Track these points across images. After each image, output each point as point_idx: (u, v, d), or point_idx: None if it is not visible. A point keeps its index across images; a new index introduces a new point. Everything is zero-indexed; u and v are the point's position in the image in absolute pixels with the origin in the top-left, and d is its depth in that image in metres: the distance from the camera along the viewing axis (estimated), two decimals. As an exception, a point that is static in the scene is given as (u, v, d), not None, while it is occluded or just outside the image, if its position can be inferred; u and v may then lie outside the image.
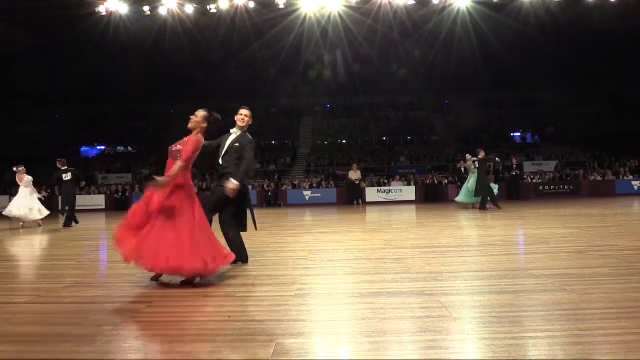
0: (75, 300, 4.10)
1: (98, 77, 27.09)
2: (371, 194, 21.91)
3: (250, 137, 5.70)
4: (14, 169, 12.51)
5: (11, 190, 22.43)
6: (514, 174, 20.40)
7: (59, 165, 12.69)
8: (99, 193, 23.62)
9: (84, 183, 24.24)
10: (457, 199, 15.58)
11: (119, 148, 33.90)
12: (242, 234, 5.63)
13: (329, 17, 22.09)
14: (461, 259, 5.67)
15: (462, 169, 16.71)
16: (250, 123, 5.82)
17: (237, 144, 5.62)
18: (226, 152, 5.64)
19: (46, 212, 12.58)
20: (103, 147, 33.34)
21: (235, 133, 5.73)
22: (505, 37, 23.61)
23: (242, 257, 5.46)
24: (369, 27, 23.20)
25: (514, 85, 30.30)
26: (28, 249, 8.25)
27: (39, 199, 12.68)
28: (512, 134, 32.13)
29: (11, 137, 26.74)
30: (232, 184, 5.23)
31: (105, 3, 20.01)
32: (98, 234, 11.18)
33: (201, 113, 5.02)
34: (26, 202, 12.25)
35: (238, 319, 3.30)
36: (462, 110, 32.28)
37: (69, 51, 24.84)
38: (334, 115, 34.15)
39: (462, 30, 23.33)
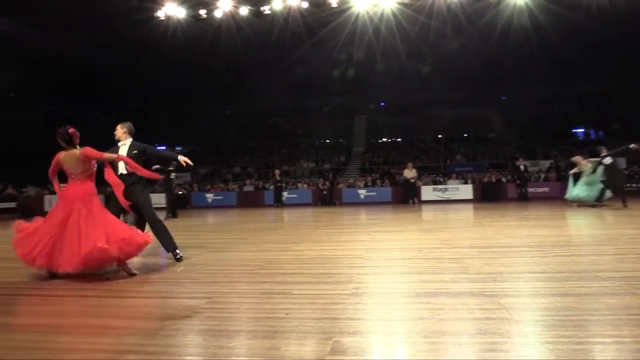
0: (138, 295, 4.27)
1: (156, 79, 27.96)
2: (427, 192, 21.60)
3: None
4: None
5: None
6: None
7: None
8: (160, 192, 24.39)
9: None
10: (571, 195, 14.29)
11: (177, 148, 34.94)
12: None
13: (382, 14, 21.93)
14: (522, 259, 5.51)
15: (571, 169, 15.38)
16: (127, 133, 6.20)
17: (135, 151, 6.07)
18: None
19: None
20: (163, 147, 34.47)
21: (124, 144, 6.15)
22: (565, 28, 22.66)
23: None
24: (421, 24, 22.88)
25: (575, 79, 29.03)
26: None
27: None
28: (574, 130, 30.81)
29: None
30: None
31: (164, 8, 20.66)
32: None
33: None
34: None
35: (295, 317, 3.34)
36: (520, 105, 31.23)
37: (128, 54, 25.80)
38: (388, 113, 33.87)
39: (519, 23, 22.59)
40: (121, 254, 4.99)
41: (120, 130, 6.20)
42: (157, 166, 13.84)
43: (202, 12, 20.98)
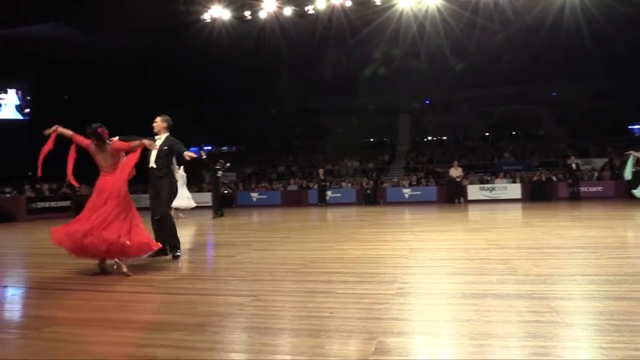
0: (186, 292, 4.36)
1: (203, 80, 28.51)
2: (473, 191, 21.18)
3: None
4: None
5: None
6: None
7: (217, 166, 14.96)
8: (207, 191, 24.89)
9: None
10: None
11: (223, 148, 35.58)
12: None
13: (426, 11, 21.63)
14: (573, 261, 5.33)
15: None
16: (167, 127, 6.35)
17: (165, 147, 6.19)
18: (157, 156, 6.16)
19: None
20: (209, 147, 35.15)
21: (159, 138, 6.27)
22: (619, 20, 21.70)
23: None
24: (467, 20, 22.43)
25: (630, 73, 27.76)
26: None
27: None
28: (630, 127, 29.51)
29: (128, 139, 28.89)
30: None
31: (210, 10, 21.05)
32: (206, 229, 11.79)
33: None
34: (186, 193, 14.32)
35: (339, 316, 3.34)
36: (571, 102, 30.17)
37: (176, 57, 26.42)
38: (433, 111, 33.41)
39: (570, 15, 21.79)
40: (136, 253, 5.29)
41: (160, 123, 6.32)
42: (222, 161, 14.87)
43: (247, 14, 21.24)
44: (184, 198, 14.21)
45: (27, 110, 29.01)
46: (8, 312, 4.04)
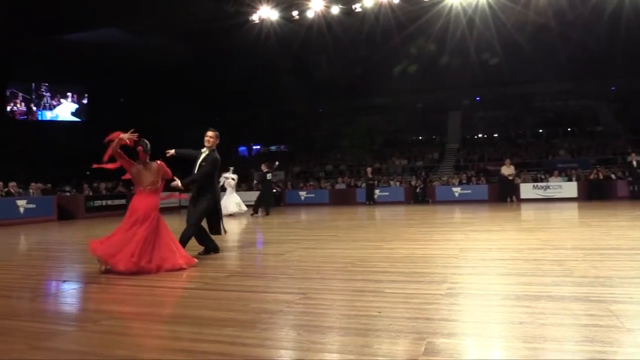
0: (237, 289, 4.44)
1: (251, 81, 28.90)
2: (526, 190, 20.57)
3: (217, 155, 6.36)
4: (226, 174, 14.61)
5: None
6: None
7: (263, 168, 15.64)
8: (256, 190, 25.24)
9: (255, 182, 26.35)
10: None
11: (271, 147, 35.97)
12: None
13: (476, 5, 21.15)
14: (634, 263, 5.09)
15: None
16: (217, 142, 6.45)
17: (204, 162, 6.31)
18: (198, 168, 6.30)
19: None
20: (258, 147, 35.62)
21: (204, 152, 6.35)
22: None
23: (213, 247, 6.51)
24: (519, 14, 21.79)
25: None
26: (192, 241, 9.07)
27: None
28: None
29: (176, 140, 29.71)
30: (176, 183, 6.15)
31: (258, 11, 21.31)
32: (254, 227, 11.96)
33: None
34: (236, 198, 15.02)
35: (387, 315, 3.32)
36: (632, 96, 28.79)
37: (226, 58, 26.93)
38: (484, 108, 32.64)
39: (630, 5, 20.80)
40: (158, 271, 5.31)
41: (213, 138, 6.42)
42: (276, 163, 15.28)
43: (295, 13, 21.38)
44: (233, 204, 14.61)
45: (85, 112, 30.26)
46: (67, 306, 4.24)
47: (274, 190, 23.82)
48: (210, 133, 6.44)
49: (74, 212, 17.21)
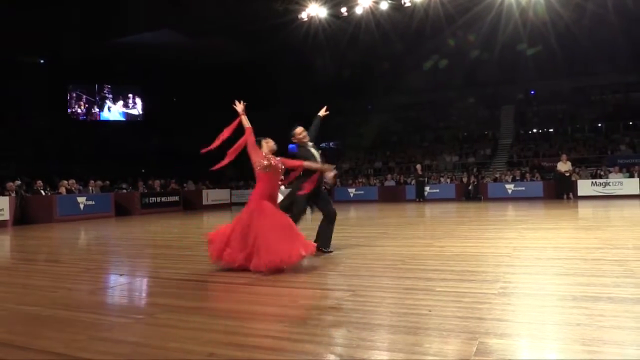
0: (287, 285, 4.48)
1: (300, 78, 29.08)
2: (584, 187, 19.80)
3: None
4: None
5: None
6: None
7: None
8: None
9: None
10: None
11: (321, 145, 36.10)
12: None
13: (530, -3, 20.52)
14: (702, 263, 4.82)
15: None
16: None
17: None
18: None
19: None
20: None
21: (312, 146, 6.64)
22: None
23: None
24: (575, 5, 20.98)
25: None
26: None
27: None
28: None
29: (231, 138, 30.23)
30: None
31: (307, 9, 21.41)
32: (304, 224, 12.02)
33: None
34: None
35: (438, 314, 3.27)
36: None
37: (276, 56, 27.23)
38: (539, 102, 31.57)
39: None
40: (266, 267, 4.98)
41: (304, 133, 6.57)
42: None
43: (343, 10, 21.35)
44: None
45: (141, 112, 31.29)
46: (125, 299, 4.40)
47: (325, 187, 23.90)
48: (302, 129, 6.86)
49: (130, 209, 17.84)
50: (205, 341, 2.88)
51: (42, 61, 28.27)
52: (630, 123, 27.84)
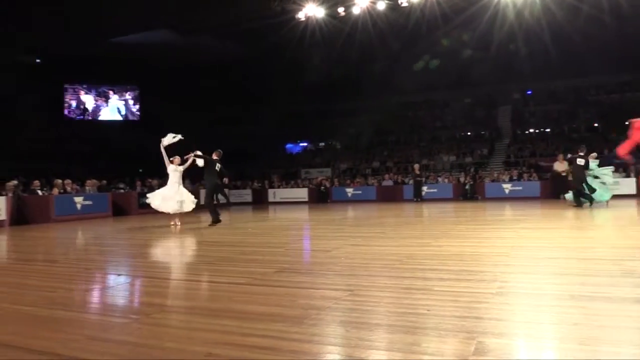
0: (284, 285, 4.48)
1: (297, 78, 29.06)
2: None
3: None
4: None
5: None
6: None
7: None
8: (303, 186, 25.42)
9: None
10: None
11: (321, 144, 36.06)
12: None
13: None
14: (699, 262, 4.83)
15: None
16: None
17: None
18: None
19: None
20: (305, 144, 35.79)
21: None
22: None
23: None
24: (570, 6, 21.04)
25: None
26: (241, 237, 9.23)
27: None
28: None
29: (229, 136, 30.31)
30: None
31: (304, 9, 21.40)
32: (302, 224, 12.04)
33: None
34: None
35: (436, 314, 3.28)
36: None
37: (272, 56, 27.25)
38: (536, 102, 31.64)
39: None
40: None
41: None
42: None
43: (340, 10, 21.34)
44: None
45: (137, 111, 31.24)
46: (122, 299, 4.39)
47: (321, 188, 23.95)
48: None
49: (127, 209, 17.79)
50: (203, 341, 2.88)
51: (38, 61, 28.24)
52: (627, 123, 27.85)
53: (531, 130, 30.22)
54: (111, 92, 30.85)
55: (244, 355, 2.63)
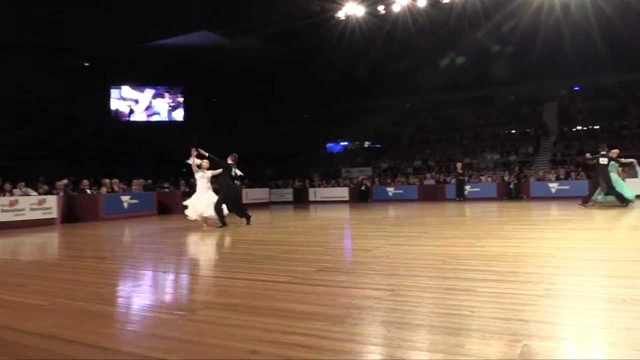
0: (325, 284, 4.50)
1: (336, 78, 29.03)
2: (633, 185, 18.95)
3: None
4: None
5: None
6: None
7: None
8: (344, 186, 25.41)
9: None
10: None
11: (365, 143, 35.95)
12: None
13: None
14: None
15: None
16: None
17: None
18: None
19: None
20: (346, 143, 35.76)
21: None
22: None
23: None
24: (617, 1, 20.27)
25: None
26: (283, 236, 9.31)
27: None
28: None
29: (269, 137, 30.58)
30: None
31: (344, 8, 21.37)
32: (343, 223, 12.04)
33: None
34: None
35: (480, 315, 3.22)
36: None
37: (313, 56, 27.30)
38: (584, 98, 30.60)
39: None
40: None
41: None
42: None
43: (380, 8, 21.20)
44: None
45: (182, 113, 31.92)
46: (168, 295, 4.50)
47: (362, 188, 23.89)
48: None
49: (172, 207, 18.19)
50: (246, 338, 2.92)
51: (87, 64, 29.23)
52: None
53: (578, 128, 29.25)
54: (157, 94, 31.62)
55: (286, 353, 2.66)
